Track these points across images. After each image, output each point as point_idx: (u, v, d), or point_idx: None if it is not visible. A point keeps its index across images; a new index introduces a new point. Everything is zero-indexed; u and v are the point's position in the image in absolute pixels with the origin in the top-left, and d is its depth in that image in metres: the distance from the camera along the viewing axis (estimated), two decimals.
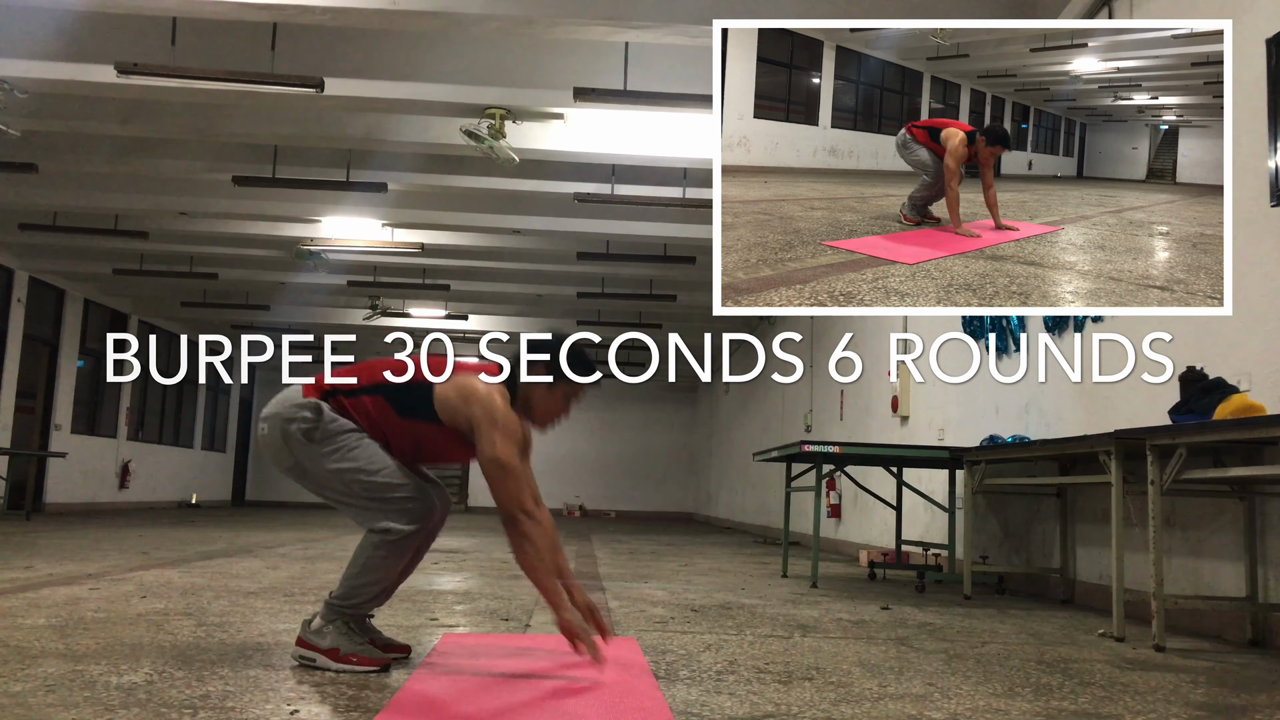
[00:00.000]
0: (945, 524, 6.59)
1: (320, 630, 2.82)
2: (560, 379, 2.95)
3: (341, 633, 2.82)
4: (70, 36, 6.66)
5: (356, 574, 2.84)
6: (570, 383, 2.96)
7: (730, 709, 2.44)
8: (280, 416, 2.88)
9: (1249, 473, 3.62)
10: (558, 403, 2.99)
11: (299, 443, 2.84)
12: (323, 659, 2.78)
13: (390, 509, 2.81)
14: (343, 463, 2.82)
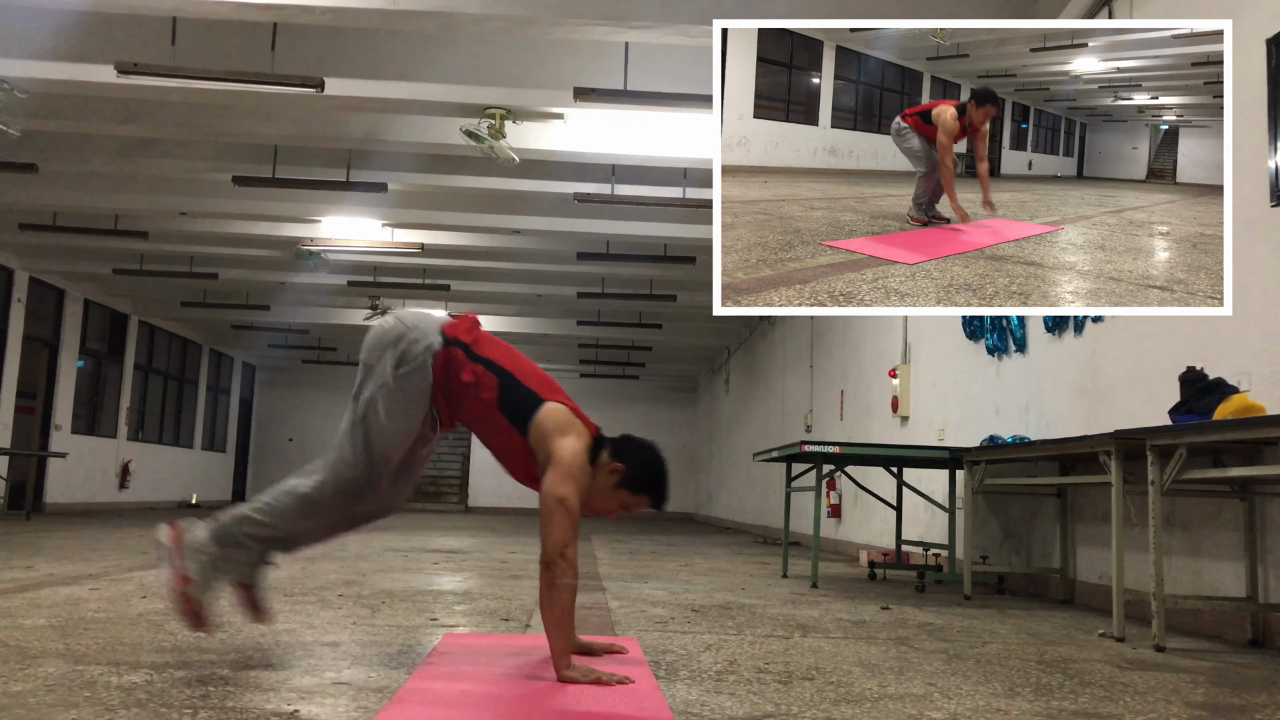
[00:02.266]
0: (945, 524, 6.59)
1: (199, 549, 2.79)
2: (629, 485, 2.93)
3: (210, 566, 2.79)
4: (70, 36, 6.66)
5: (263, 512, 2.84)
6: (636, 494, 2.95)
7: (730, 709, 2.44)
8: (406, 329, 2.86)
9: (1249, 473, 3.62)
10: (611, 501, 2.95)
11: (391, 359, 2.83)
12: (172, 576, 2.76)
13: (342, 469, 2.82)
14: (381, 406, 2.82)
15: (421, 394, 2.86)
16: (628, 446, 2.96)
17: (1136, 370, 5.05)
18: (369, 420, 2.84)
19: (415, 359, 2.83)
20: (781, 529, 7.45)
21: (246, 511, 2.86)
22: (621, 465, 2.90)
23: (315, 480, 2.84)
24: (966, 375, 7.35)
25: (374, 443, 2.84)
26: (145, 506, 17.05)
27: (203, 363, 20.13)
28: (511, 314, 16.96)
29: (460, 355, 2.87)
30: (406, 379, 2.83)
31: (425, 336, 2.86)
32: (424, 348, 2.85)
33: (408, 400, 2.84)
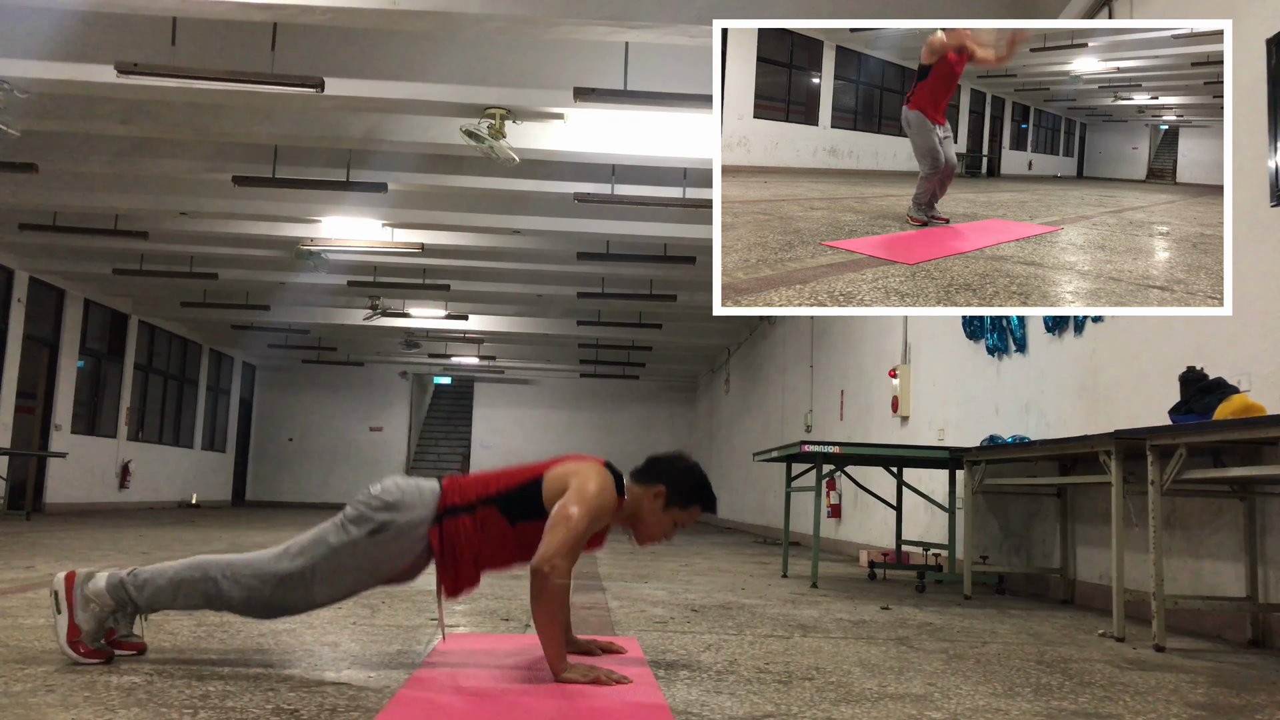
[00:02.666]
0: (945, 524, 6.59)
1: (90, 599, 2.76)
2: (677, 501, 2.92)
3: (102, 619, 2.76)
4: (70, 36, 6.66)
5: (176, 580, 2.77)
6: (685, 508, 2.94)
7: (730, 709, 2.44)
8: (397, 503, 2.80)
9: (1249, 473, 3.62)
10: (665, 523, 2.95)
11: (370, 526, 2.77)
12: (62, 625, 2.73)
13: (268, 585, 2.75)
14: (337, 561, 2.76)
15: (384, 565, 2.81)
16: (660, 466, 2.96)
17: (1136, 370, 5.05)
18: (317, 569, 2.76)
19: (394, 533, 2.77)
20: (781, 529, 7.45)
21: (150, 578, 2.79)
22: (663, 486, 2.90)
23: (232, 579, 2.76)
24: (966, 375, 7.35)
25: (308, 587, 2.78)
26: (145, 506, 17.04)
27: (203, 363, 20.13)
28: (511, 314, 16.96)
29: (457, 522, 2.81)
30: (378, 547, 2.77)
31: (415, 514, 2.79)
32: (409, 524, 2.78)
33: (366, 567, 2.79)
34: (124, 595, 2.78)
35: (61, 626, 2.75)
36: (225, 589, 2.77)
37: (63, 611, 2.75)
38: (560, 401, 24.56)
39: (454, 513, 2.82)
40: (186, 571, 2.80)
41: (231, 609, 2.82)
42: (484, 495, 2.85)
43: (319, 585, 2.78)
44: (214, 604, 2.81)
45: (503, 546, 2.85)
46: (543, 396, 24.59)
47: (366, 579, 2.83)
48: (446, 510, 2.82)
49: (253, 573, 2.77)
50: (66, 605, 2.76)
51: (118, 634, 2.84)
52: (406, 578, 2.91)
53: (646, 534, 2.97)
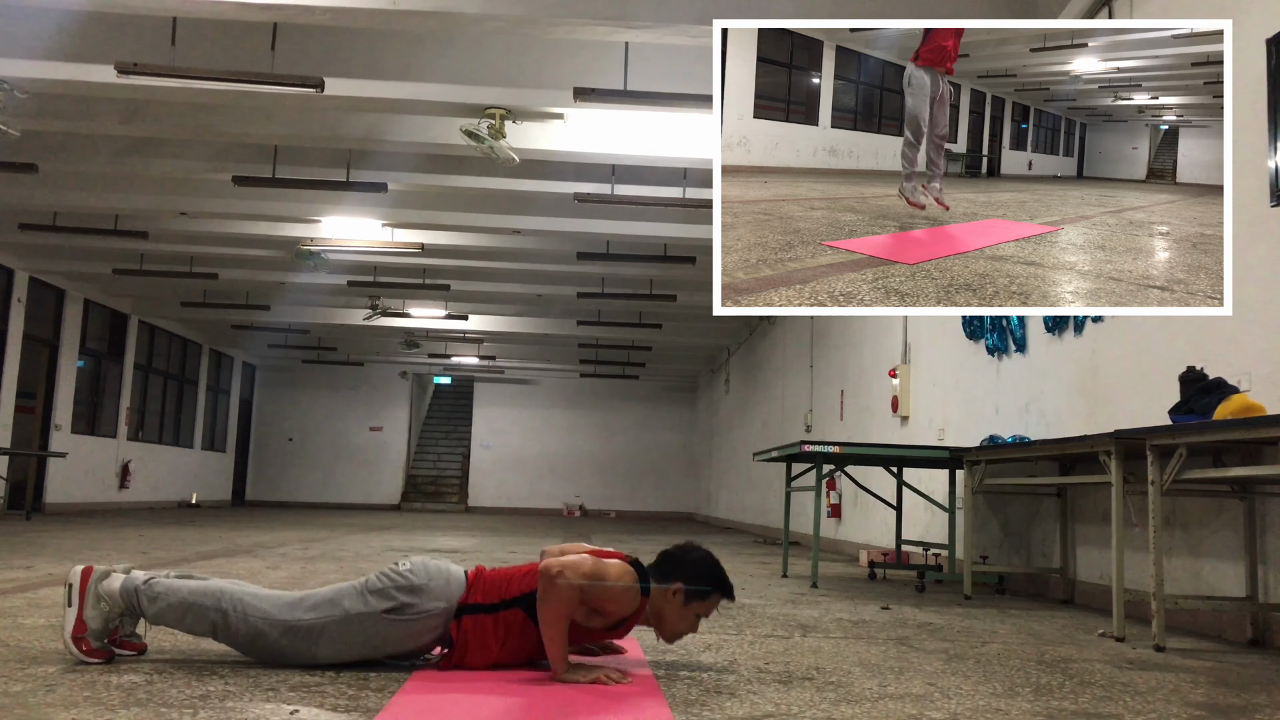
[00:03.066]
0: (945, 524, 6.59)
1: (103, 598, 2.76)
2: (697, 595, 2.93)
3: (111, 619, 2.76)
4: (70, 36, 6.66)
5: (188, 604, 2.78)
6: (705, 600, 2.95)
7: (730, 709, 2.44)
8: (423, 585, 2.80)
9: (1249, 473, 3.62)
10: (688, 620, 2.97)
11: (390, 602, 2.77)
12: (70, 620, 2.73)
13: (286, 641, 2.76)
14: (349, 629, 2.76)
15: (395, 642, 2.81)
16: (674, 562, 2.96)
17: (1136, 370, 5.05)
18: (328, 629, 2.77)
19: (413, 616, 2.78)
20: (781, 529, 7.45)
21: (162, 593, 2.79)
22: (680, 584, 2.91)
23: (241, 615, 2.77)
24: (966, 375, 7.35)
25: (314, 645, 2.78)
26: (145, 506, 17.04)
27: (203, 363, 20.13)
28: (512, 314, 16.96)
29: (479, 621, 2.82)
30: (392, 626, 2.78)
31: (436, 604, 2.80)
32: (431, 612, 2.79)
33: (376, 640, 2.79)
34: (134, 603, 2.79)
35: (69, 620, 2.75)
36: (233, 623, 2.77)
37: (73, 605, 2.76)
38: (560, 401, 24.56)
39: (475, 610, 2.83)
40: (200, 597, 2.79)
41: (232, 644, 2.83)
42: (506, 597, 2.85)
43: (324, 644, 2.77)
44: (217, 635, 2.81)
45: (524, 642, 2.86)
46: (543, 396, 24.59)
47: (372, 651, 2.82)
48: (468, 607, 2.82)
49: (262, 615, 2.77)
50: (78, 600, 2.76)
51: (120, 633, 2.85)
52: (412, 655, 2.91)
53: (671, 631, 2.98)
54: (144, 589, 2.79)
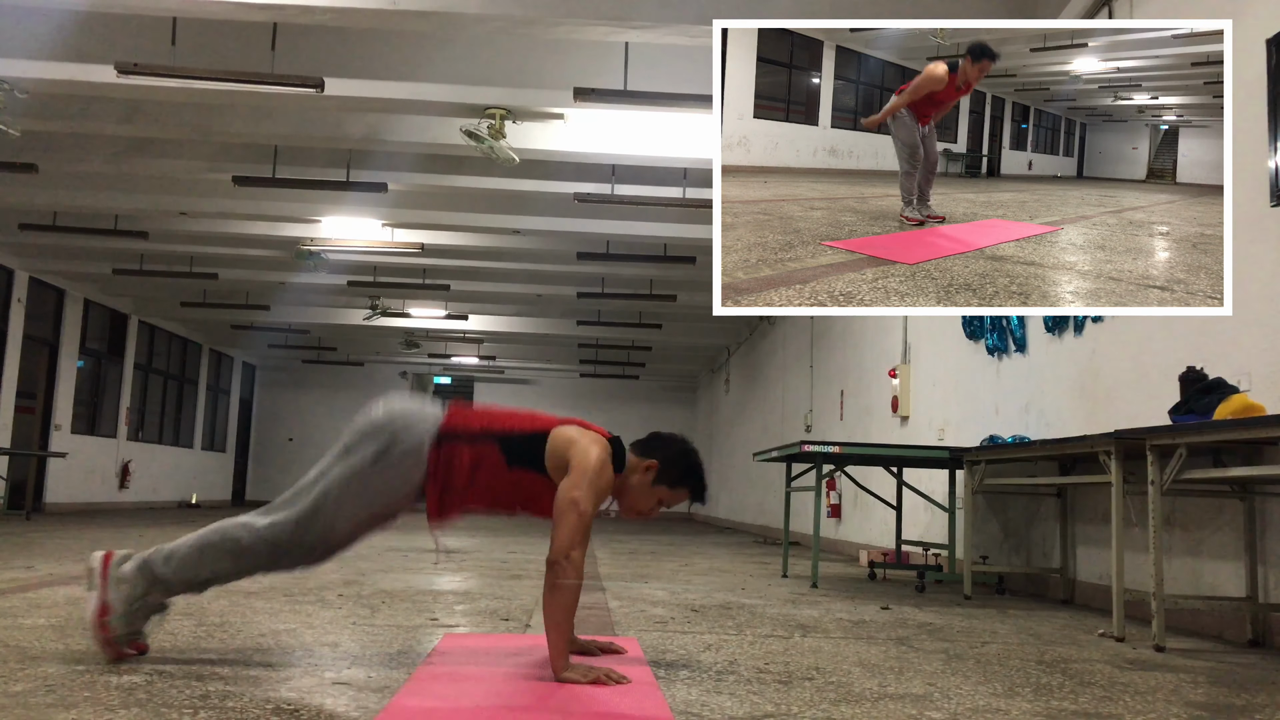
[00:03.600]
0: (945, 524, 6.59)
1: (123, 579, 2.76)
2: (666, 479, 2.94)
3: (135, 605, 2.76)
4: (70, 36, 6.66)
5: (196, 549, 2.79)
6: (674, 489, 2.96)
7: (730, 709, 2.44)
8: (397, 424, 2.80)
9: (1249, 473, 3.62)
10: (650, 499, 2.96)
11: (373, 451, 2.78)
12: (94, 601, 2.73)
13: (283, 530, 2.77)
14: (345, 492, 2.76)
15: (393, 490, 2.80)
16: (658, 442, 2.98)
17: (1136, 370, 5.05)
18: (327, 500, 2.77)
19: (398, 455, 2.77)
20: (781, 529, 7.45)
21: (174, 549, 2.81)
22: (655, 461, 2.92)
23: (252, 532, 2.79)
24: (966, 375, 7.35)
25: (324, 523, 2.78)
26: (145, 506, 17.05)
27: (203, 363, 20.13)
28: (511, 314, 16.96)
29: (456, 448, 2.80)
30: (382, 473, 2.77)
31: (416, 434, 2.79)
32: (412, 446, 2.78)
33: (374, 493, 2.79)
34: (152, 573, 2.78)
35: (92, 603, 2.75)
36: (247, 543, 2.77)
37: (95, 589, 2.76)
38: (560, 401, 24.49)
39: (454, 438, 2.82)
40: (207, 535, 2.81)
41: (259, 566, 2.82)
42: (487, 429, 2.85)
43: (337, 519, 2.77)
44: (241, 562, 2.80)
45: (494, 484, 2.84)
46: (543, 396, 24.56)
47: (383, 506, 2.81)
48: (446, 434, 2.82)
49: (268, 522, 2.79)
50: (100, 582, 2.76)
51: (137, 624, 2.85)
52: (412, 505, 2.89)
53: (631, 505, 2.97)
54: (153, 556, 2.81)
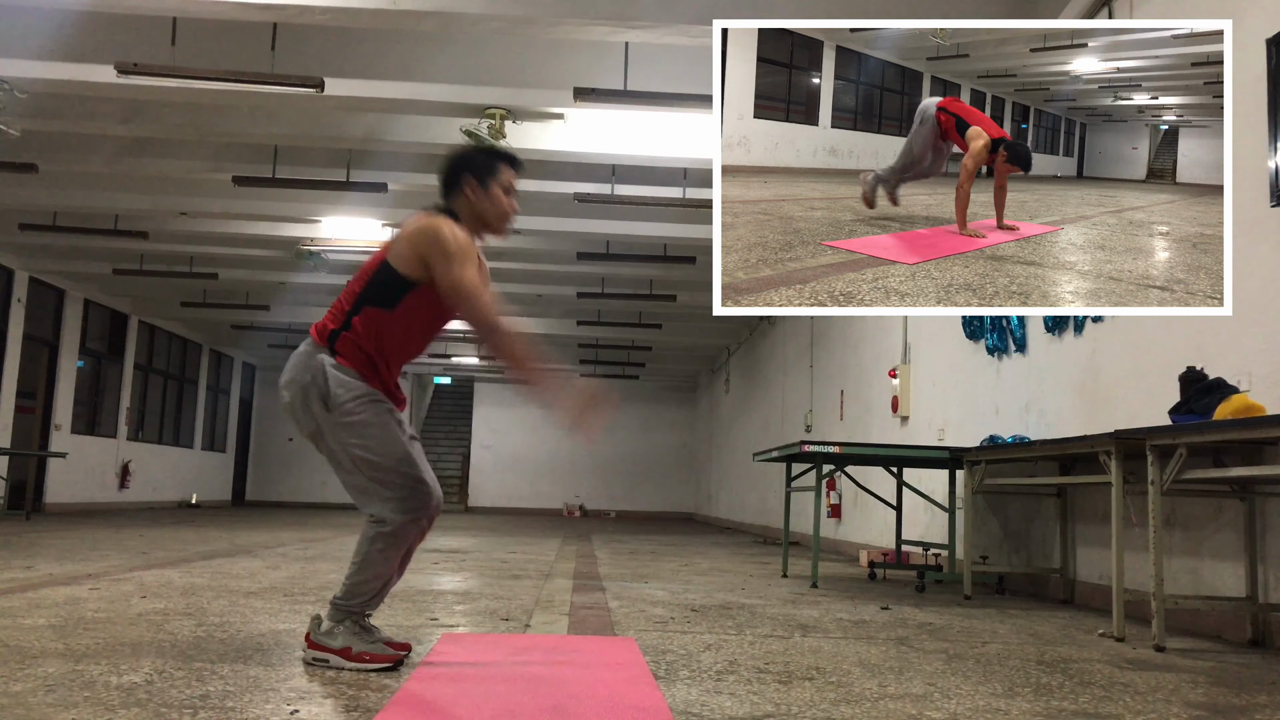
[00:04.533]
0: (945, 524, 6.59)
1: (330, 631, 2.84)
2: (482, 176, 3.00)
3: (352, 632, 2.84)
4: (70, 36, 6.66)
5: (356, 570, 2.87)
6: (494, 174, 3.02)
7: (730, 709, 2.44)
8: (297, 383, 2.86)
9: (1249, 473, 3.62)
10: (498, 199, 3.03)
11: (319, 409, 2.83)
12: (336, 659, 2.80)
13: (389, 496, 2.83)
14: (355, 439, 2.82)
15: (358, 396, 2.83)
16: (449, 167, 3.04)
17: (1136, 370, 5.05)
18: (360, 466, 2.83)
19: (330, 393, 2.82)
20: (781, 529, 7.45)
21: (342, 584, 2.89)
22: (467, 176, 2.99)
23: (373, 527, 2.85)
24: (966, 375, 7.35)
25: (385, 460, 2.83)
26: (145, 506, 17.04)
27: (203, 363, 20.13)
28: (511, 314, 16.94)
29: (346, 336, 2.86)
30: (339, 408, 2.81)
31: (314, 371, 2.85)
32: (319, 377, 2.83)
33: (363, 421, 2.83)
34: (338, 610, 2.86)
35: (338, 663, 2.80)
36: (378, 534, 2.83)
37: (325, 659, 2.82)
38: None
39: (337, 335, 2.87)
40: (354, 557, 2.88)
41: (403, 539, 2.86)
42: (351, 305, 2.89)
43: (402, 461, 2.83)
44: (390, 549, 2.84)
45: (397, 331, 2.89)
46: None
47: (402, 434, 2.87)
48: (330, 336, 2.87)
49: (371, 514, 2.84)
50: (324, 651, 2.82)
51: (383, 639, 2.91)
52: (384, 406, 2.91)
53: (493, 224, 3.05)
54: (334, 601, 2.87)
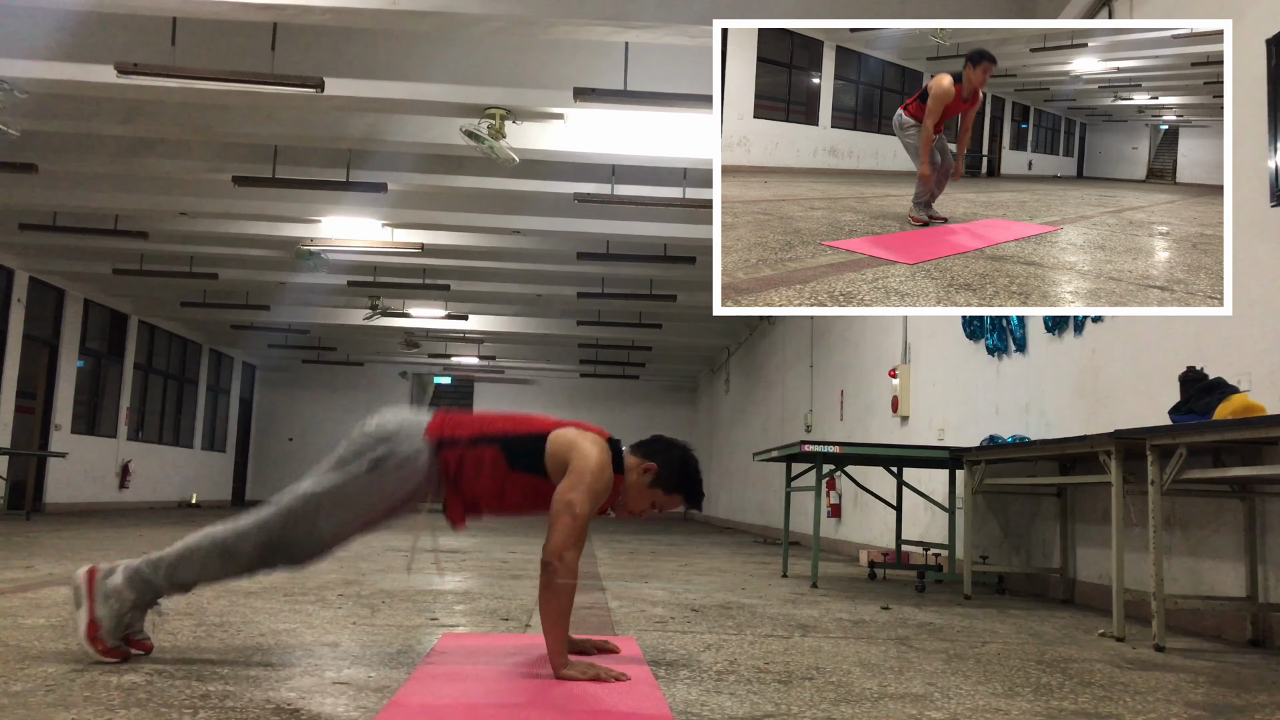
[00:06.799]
0: (945, 524, 6.59)
1: (111, 594, 2.77)
2: (663, 484, 2.95)
3: (120, 614, 2.77)
4: (70, 36, 6.66)
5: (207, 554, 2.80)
6: (669, 493, 2.97)
7: (730, 709, 2.44)
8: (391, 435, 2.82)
9: (1249, 473, 3.62)
10: (644, 500, 2.97)
11: (369, 461, 2.80)
12: (83, 619, 2.74)
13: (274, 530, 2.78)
14: (339, 498, 2.78)
15: (386, 496, 2.82)
16: (660, 445, 3.00)
17: (1136, 370, 5.05)
18: (319, 503, 2.79)
19: (394, 464, 2.80)
20: (781, 529, 7.45)
21: (162, 556, 2.82)
22: (655, 464, 2.94)
23: (239, 533, 2.80)
24: (966, 375, 7.35)
25: (314, 524, 2.79)
26: (145, 506, 17.05)
27: (203, 363, 20.13)
28: (511, 314, 16.96)
29: (453, 455, 2.83)
30: (377, 480, 2.79)
31: (412, 444, 2.82)
32: (407, 455, 2.81)
33: (367, 499, 2.81)
34: (141, 581, 2.79)
35: (81, 621, 2.76)
36: (233, 544, 2.79)
37: (82, 605, 2.77)
38: (560, 401, 24.53)
39: (453, 445, 2.84)
40: (196, 540, 2.83)
41: (247, 566, 2.83)
42: (484, 433, 2.87)
43: (325, 522, 2.78)
44: (230, 563, 2.81)
45: (496, 485, 2.86)
46: (543, 396, 24.57)
47: (372, 511, 2.83)
48: (443, 442, 2.84)
49: (256, 520, 2.80)
50: (87, 599, 2.77)
51: (131, 630, 2.85)
52: (411, 507, 2.90)
53: (625, 505, 2.99)
54: (143, 564, 2.81)
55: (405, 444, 2.82)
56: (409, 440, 2.83)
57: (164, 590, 2.83)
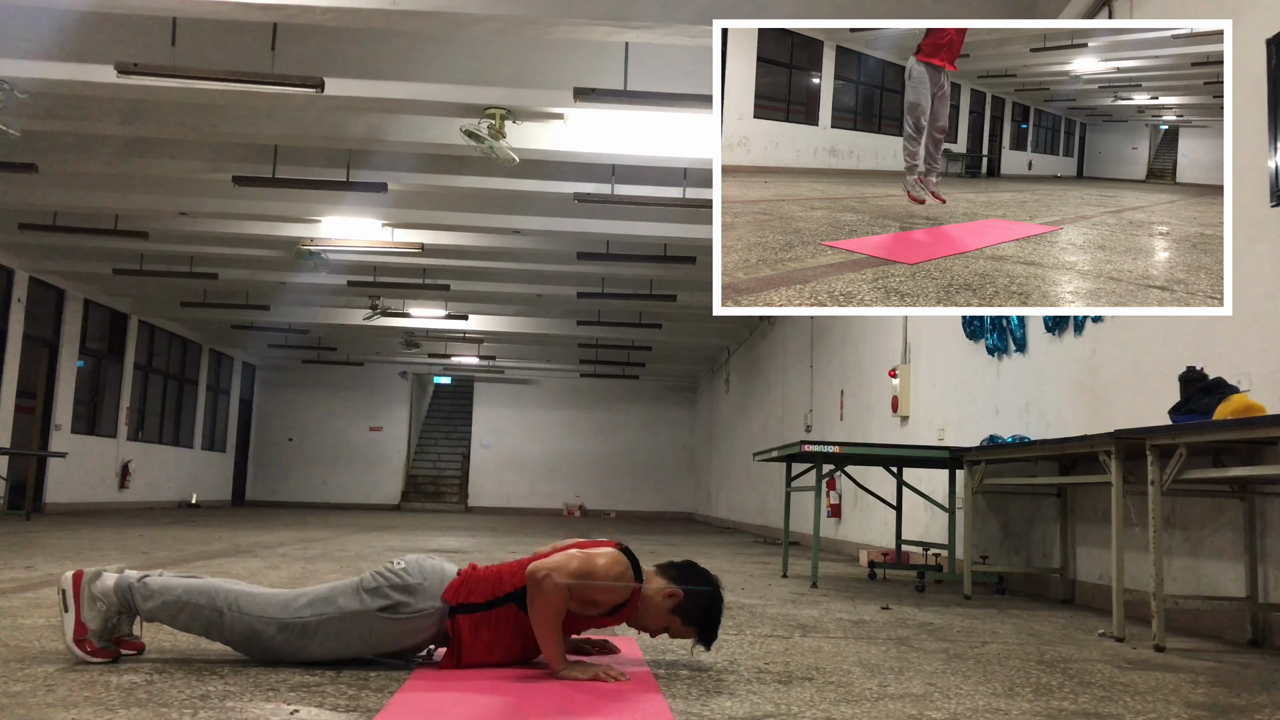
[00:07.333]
0: (945, 524, 6.59)
1: (98, 598, 2.77)
2: (682, 614, 2.93)
3: (107, 617, 2.77)
4: (70, 36, 6.66)
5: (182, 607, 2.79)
6: (685, 624, 2.95)
7: (730, 709, 2.44)
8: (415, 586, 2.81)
9: (1249, 473, 3.62)
10: (659, 623, 2.95)
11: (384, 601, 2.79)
12: (70, 623, 2.74)
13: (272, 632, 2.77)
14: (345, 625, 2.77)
15: (387, 641, 2.82)
16: (691, 575, 2.97)
17: (1136, 370, 5.05)
18: (322, 623, 2.78)
19: (407, 615, 2.79)
20: (781, 529, 7.45)
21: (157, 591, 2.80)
22: (680, 593, 2.91)
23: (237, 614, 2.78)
24: (966, 375, 7.35)
25: (310, 640, 2.79)
26: (145, 506, 17.04)
27: (203, 363, 20.13)
28: (512, 314, 16.96)
29: (466, 621, 2.82)
30: (383, 624, 2.78)
31: (431, 603, 2.81)
32: (418, 612, 2.80)
33: (369, 639, 2.80)
34: (129, 599, 2.80)
35: (68, 624, 2.76)
36: (228, 622, 2.78)
37: (69, 609, 2.76)
38: (560, 401, 24.56)
39: (469, 609, 2.83)
40: (195, 595, 2.80)
41: (226, 642, 2.83)
42: (498, 594, 2.85)
43: (319, 642, 2.78)
44: (211, 633, 2.82)
45: (518, 639, 2.86)
46: (543, 396, 24.60)
47: (366, 649, 2.83)
48: (460, 607, 2.83)
49: (258, 613, 2.78)
50: (74, 603, 2.77)
51: (119, 632, 2.85)
52: (406, 654, 2.91)
53: (639, 620, 2.97)
54: (138, 586, 2.80)
55: (423, 601, 2.81)
56: (428, 598, 2.81)
57: (144, 616, 2.84)
